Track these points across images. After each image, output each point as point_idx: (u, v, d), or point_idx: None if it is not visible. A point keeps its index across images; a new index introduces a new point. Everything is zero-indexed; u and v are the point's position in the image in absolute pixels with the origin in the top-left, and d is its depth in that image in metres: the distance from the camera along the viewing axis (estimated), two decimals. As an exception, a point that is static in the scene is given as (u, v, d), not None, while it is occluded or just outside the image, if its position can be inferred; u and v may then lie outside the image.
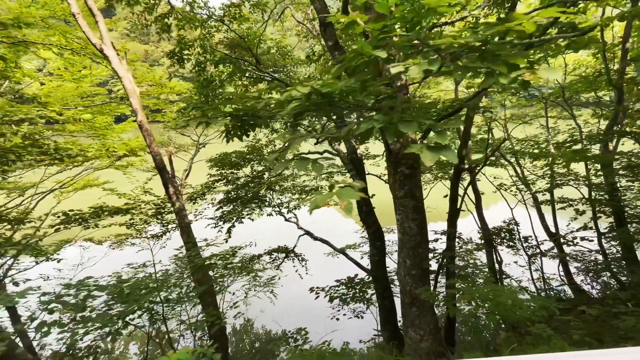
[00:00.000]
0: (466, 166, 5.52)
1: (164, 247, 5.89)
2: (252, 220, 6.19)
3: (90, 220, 5.65)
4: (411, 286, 4.30)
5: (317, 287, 5.61)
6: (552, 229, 8.50)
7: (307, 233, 6.04)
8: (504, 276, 7.14)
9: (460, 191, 7.95)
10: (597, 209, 7.37)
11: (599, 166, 7.29)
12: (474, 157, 7.52)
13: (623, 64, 6.61)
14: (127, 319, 3.57)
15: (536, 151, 8.60)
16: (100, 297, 3.26)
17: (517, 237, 7.74)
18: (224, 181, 5.94)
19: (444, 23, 5.12)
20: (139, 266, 4.79)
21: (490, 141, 8.15)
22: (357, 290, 5.30)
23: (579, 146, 7.52)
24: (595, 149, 7.72)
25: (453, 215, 5.41)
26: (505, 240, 7.71)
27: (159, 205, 6.30)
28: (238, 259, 7.01)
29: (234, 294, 7.47)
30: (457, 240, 7.50)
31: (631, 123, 7.67)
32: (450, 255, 5.36)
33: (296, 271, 7.39)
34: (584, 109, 9.89)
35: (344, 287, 5.37)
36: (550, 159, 8.03)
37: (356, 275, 5.44)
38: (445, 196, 5.32)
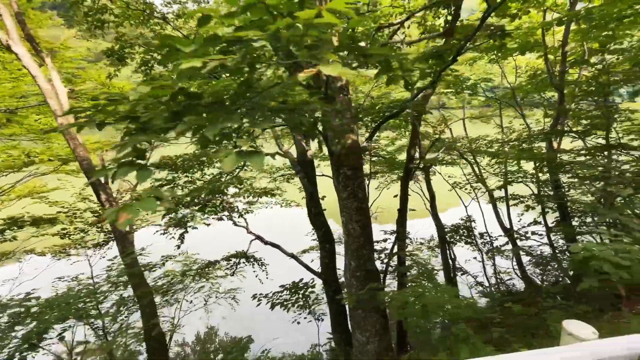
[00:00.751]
0: (415, 166, 5.57)
1: (104, 257, 5.54)
2: (208, 225, 5.96)
3: (7, 233, 5.19)
4: (356, 288, 4.27)
5: (260, 294, 5.48)
6: (507, 225, 8.83)
7: (258, 237, 5.90)
8: (460, 273, 7.32)
9: (415, 191, 8.09)
10: (545, 204, 7.72)
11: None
12: (429, 156, 7.67)
13: (563, 67, 6.97)
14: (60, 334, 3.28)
15: (491, 150, 8.92)
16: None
17: (473, 233, 7.96)
18: (171, 186, 5.67)
19: (387, 25, 5.14)
20: (71, 279, 4.45)
21: (447, 140, 8.36)
22: (300, 296, 5.21)
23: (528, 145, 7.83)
24: (544, 146, 8.09)
25: (403, 215, 5.44)
26: (463, 237, 7.91)
27: (99, 213, 5.92)
28: (196, 266, 6.76)
29: (191, 302, 7.20)
30: (414, 239, 7.64)
31: (575, 122, 8.13)
32: (400, 256, 5.38)
33: (256, 276, 7.22)
34: (536, 109, 10.37)
35: (287, 292, 5.26)
36: (503, 157, 8.33)
37: (301, 279, 5.36)
38: (395, 196, 5.34)
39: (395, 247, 5.56)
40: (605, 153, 6.89)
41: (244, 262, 6.67)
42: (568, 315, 3.29)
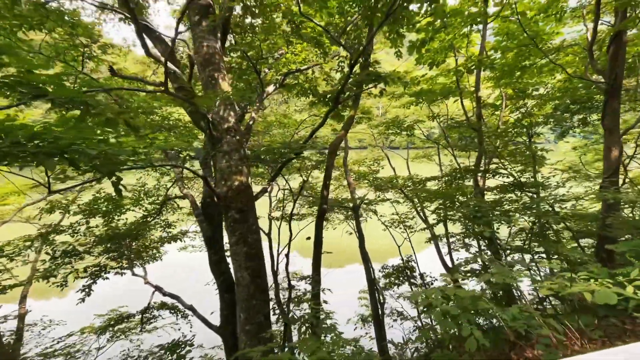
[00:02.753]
0: (328, 206, 5.45)
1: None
2: (106, 279, 5.41)
3: None
4: (245, 344, 3.86)
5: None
6: (449, 263, 8.74)
7: (157, 289, 5.40)
8: (395, 317, 6.99)
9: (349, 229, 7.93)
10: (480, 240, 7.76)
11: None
12: (361, 192, 7.64)
13: (478, 110, 7.43)
14: None
15: (434, 188, 9.10)
16: None
17: (413, 274, 7.76)
18: (67, 232, 5.19)
19: (295, 70, 5.32)
20: None
21: (382, 179, 8.44)
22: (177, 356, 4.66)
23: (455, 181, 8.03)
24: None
25: (317, 259, 5.20)
26: (401, 279, 7.68)
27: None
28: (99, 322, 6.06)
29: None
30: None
31: (501, 159, 8.53)
32: (316, 303, 5.04)
33: (179, 329, 6.54)
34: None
35: (167, 352, 4.70)
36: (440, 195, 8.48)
37: (194, 336, 4.83)
38: (308, 238, 5.13)
39: (312, 295, 5.22)
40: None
41: (159, 315, 6.03)
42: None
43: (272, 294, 5.44)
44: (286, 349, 3.30)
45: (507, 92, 8.69)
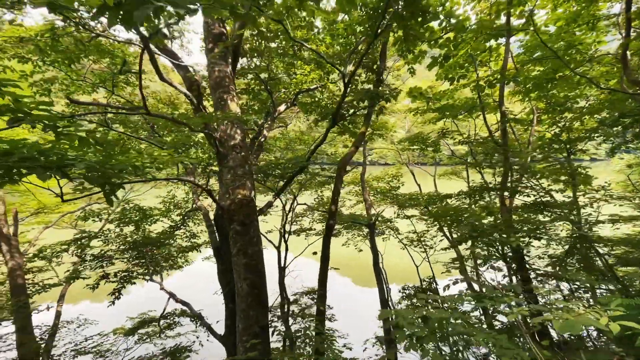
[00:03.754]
0: (335, 222, 5.47)
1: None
2: (134, 283, 5.87)
3: None
4: (243, 355, 3.94)
5: None
6: (476, 287, 8.21)
7: (171, 295, 5.69)
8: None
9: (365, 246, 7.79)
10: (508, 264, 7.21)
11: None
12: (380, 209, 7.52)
13: (502, 125, 7.05)
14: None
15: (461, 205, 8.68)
16: None
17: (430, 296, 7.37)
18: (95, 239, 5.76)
19: (305, 90, 5.53)
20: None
21: (402, 196, 8.26)
22: None
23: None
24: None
25: (323, 275, 5.20)
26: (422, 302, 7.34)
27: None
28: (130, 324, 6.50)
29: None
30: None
31: (534, 176, 7.92)
32: (320, 319, 5.02)
33: (197, 337, 6.83)
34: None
35: (167, 356, 4.86)
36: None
37: (193, 342, 4.97)
38: (315, 253, 5.17)
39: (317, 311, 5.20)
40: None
41: (179, 321, 6.35)
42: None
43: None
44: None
45: (538, 106, 8.18)
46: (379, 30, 3.25)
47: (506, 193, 7.02)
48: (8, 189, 7.23)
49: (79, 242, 5.50)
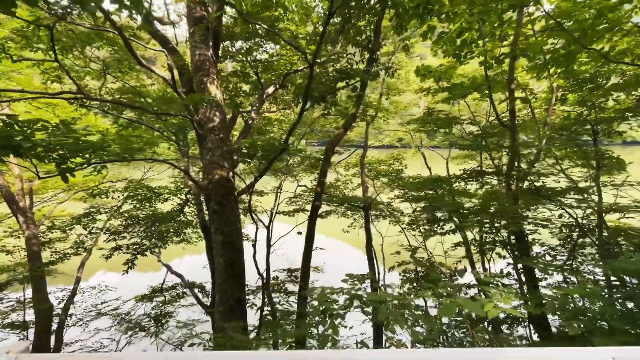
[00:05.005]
0: (322, 203, 5.53)
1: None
2: (145, 255, 6.39)
3: None
4: (218, 322, 4.24)
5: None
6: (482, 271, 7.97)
7: (167, 267, 6.12)
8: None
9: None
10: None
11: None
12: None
13: (511, 105, 6.53)
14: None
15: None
16: None
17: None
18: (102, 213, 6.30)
19: (294, 71, 5.50)
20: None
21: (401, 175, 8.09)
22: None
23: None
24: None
25: (307, 255, 5.34)
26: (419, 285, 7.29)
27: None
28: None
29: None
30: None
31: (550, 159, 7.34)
32: (303, 297, 5.21)
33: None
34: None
35: (151, 320, 5.28)
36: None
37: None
38: (299, 233, 5.31)
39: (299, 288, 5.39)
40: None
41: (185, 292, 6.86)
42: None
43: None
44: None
45: (558, 83, 7.45)
46: None
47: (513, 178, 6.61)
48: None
49: (89, 217, 6.11)
